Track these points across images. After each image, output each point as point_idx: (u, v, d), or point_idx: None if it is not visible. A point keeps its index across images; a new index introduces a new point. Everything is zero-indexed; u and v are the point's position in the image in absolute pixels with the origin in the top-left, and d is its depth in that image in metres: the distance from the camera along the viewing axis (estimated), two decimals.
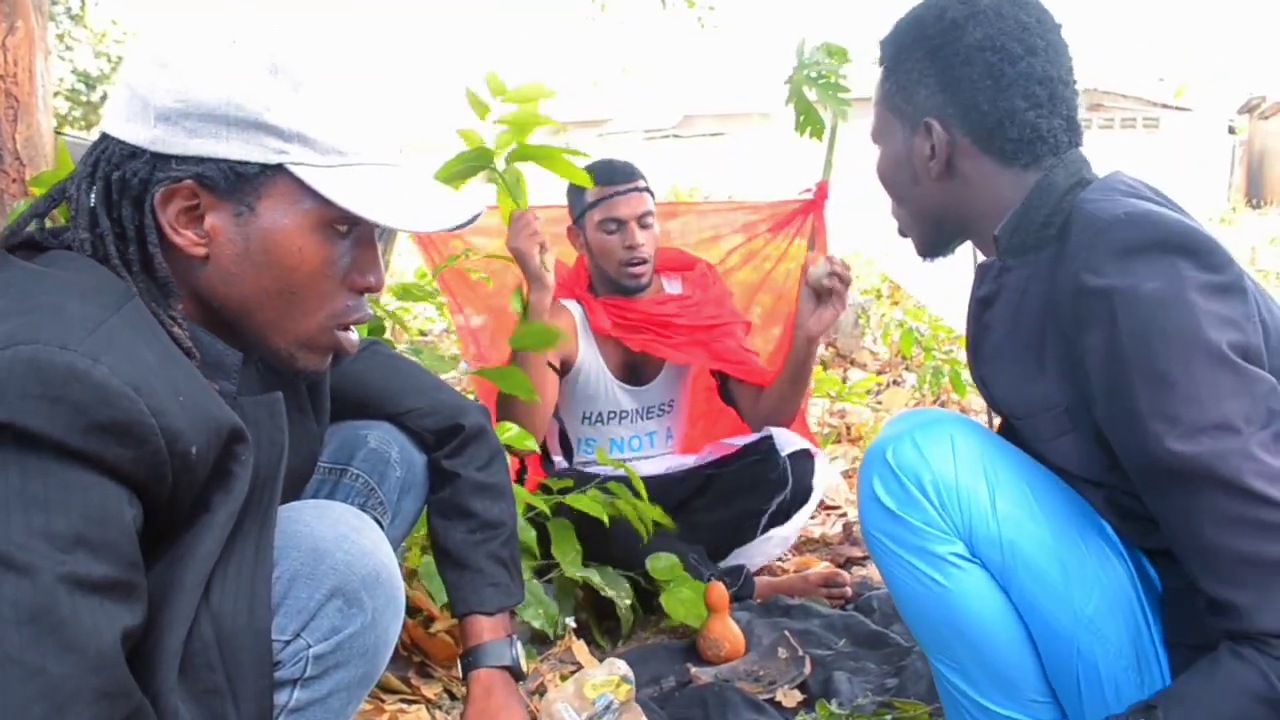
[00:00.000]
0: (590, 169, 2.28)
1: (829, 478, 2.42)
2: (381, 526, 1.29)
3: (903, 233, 1.33)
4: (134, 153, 0.90)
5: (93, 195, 0.90)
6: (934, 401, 4.13)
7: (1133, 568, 1.12)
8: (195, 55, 0.90)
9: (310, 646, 0.98)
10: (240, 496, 0.92)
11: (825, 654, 1.89)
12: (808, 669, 1.80)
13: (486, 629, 1.31)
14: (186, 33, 0.91)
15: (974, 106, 1.16)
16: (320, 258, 0.95)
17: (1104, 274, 1.00)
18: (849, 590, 2.23)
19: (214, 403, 0.89)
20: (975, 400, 4.08)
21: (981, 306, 1.24)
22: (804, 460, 2.26)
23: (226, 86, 0.89)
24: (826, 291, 2.14)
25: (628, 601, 1.99)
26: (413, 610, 1.86)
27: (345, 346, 1.02)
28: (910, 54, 1.20)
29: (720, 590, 1.93)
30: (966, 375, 4.08)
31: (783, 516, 2.26)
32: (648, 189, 2.34)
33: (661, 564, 2.01)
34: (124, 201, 0.90)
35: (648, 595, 2.06)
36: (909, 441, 1.16)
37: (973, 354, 1.28)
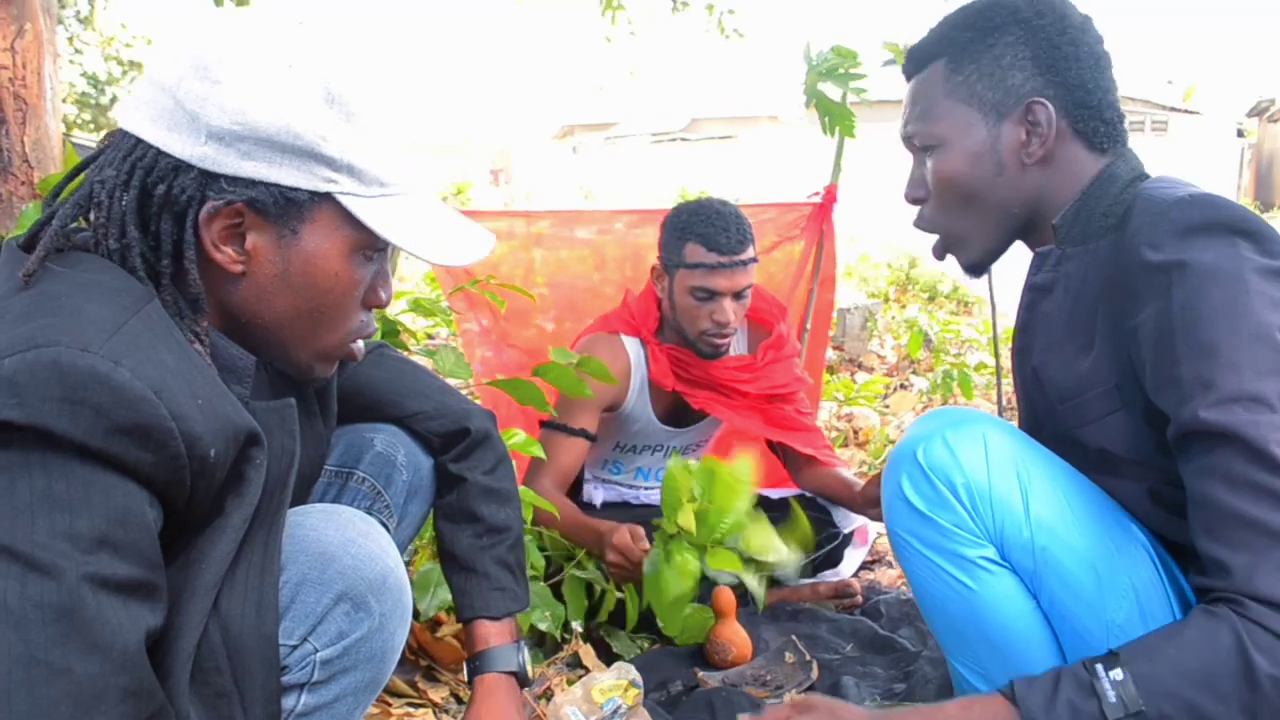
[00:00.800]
0: (694, 220, 2.08)
1: (861, 554, 2.42)
2: (388, 530, 1.29)
3: (940, 254, 1.30)
4: (178, 166, 0.89)
5: (123, 202, 0.89)
6: (943, 405, 4.12)
7: (1165, 577, 1.10)
8: (252, 76, 0.89)
9: (317, 651, 0.98)
10: (254, 500, 0.92)
11: (833, 658, 1.89)
12: (815, 673, 1.79)
13: (493, 634, 1.31)
14: (235, 46, 0.90)
15: (1080, 85, 1.15)
16: (352, 280, 0.97)
17: (1163, 249, 1.01)
18: (860, 599, 2.23)
19: (231, 406, 0.89)
20: (985, 406, 4.07)
21: (1038, 294, 1.22)
22: (847, 536, 2.28)
23: (286, 113, 0.89)
24: None
25: (631, 654, 1.98)
26: (418, 613, 1.86)
27: (356, 355, 1.05)
28: (1000, 37, 1.17)
29: (728, 595, 1.93)
30: (976, 377, 4.09)
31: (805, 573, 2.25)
32: (754, 259, 2.09)
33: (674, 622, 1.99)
34: (164, 214, 0.89)
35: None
36: (940, 441, 1.14)
37: (1022, 339, 1.26)
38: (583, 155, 24.35)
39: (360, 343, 1.05)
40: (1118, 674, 0.95)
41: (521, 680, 1.31)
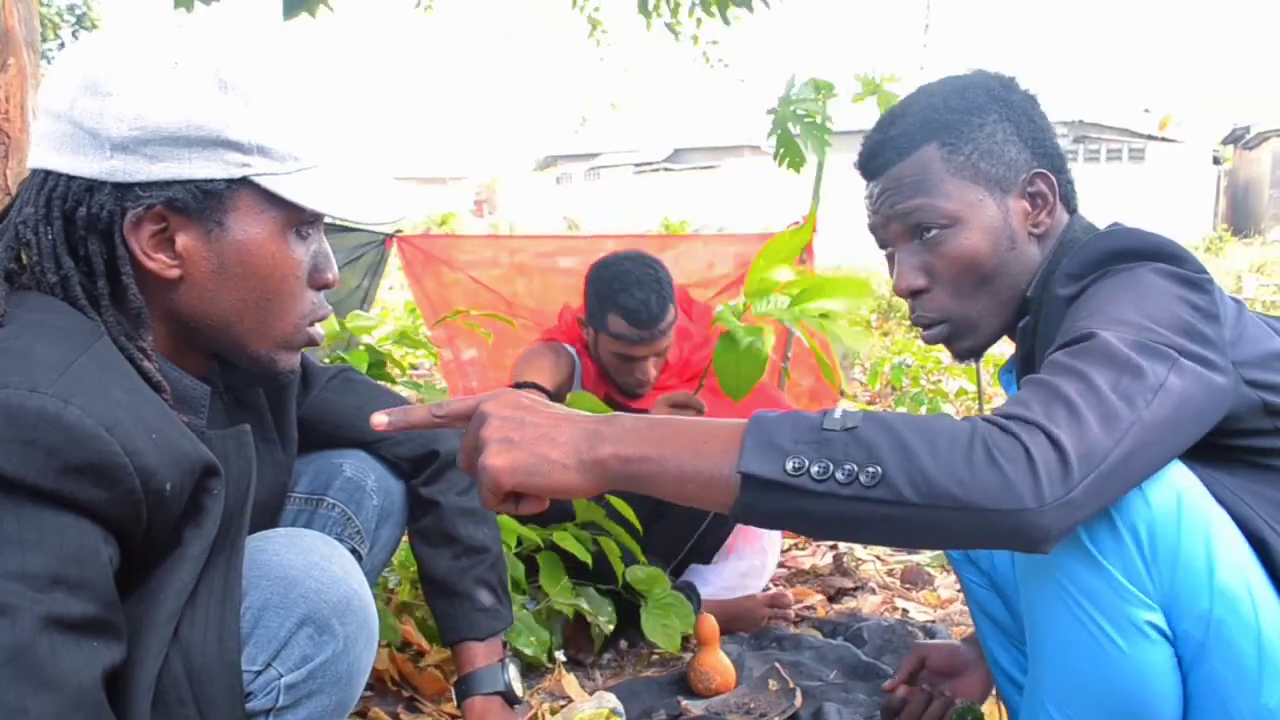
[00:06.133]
0: (616, 289, 2.16)
1: None
2: (360, 555, 1.28)
3: (937, 340, 1.24)
4: (91, 186, 0.89)
5: (50, 235, 0.89)
6: None
7: None
8: (140, 80, 0.89)
9: (282, 676, 0.97)
10: (213, 530, 0.92)
11: (816, 685, 1.88)
12: (798, 701, 1.78)
13: (479, 655, 1.30)
14: (117, 57, 0.90)
15: (1055, 153, 1.20)
16: (291, 261, 0.98)
17: (1080, 279, 1.03)
18: (792, 613, 2.25)
19: (186, 438, 0.89)
20: None
21: (1025, 365, 1.19)
22: None
23: (183, 108, 0.89)
24: None
25: (608, 626, 1.97)
26: (402, 645, 1.84)
27: (316, 339, 1.05)
28: (986, 116, 1.18)
29: (711, 623, 1.92)
30: (947, 407, 4.15)
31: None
32: (673, 320, 2.21)
33: (641, 575, 1.98)
34: (90, 237, 0.90)
35: (628, 607, 2.02)
36: None
37: None
38: (566, 186, 24.46)
39: (320, 327, 1.05)
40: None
41: (510, 700, 1.31)
